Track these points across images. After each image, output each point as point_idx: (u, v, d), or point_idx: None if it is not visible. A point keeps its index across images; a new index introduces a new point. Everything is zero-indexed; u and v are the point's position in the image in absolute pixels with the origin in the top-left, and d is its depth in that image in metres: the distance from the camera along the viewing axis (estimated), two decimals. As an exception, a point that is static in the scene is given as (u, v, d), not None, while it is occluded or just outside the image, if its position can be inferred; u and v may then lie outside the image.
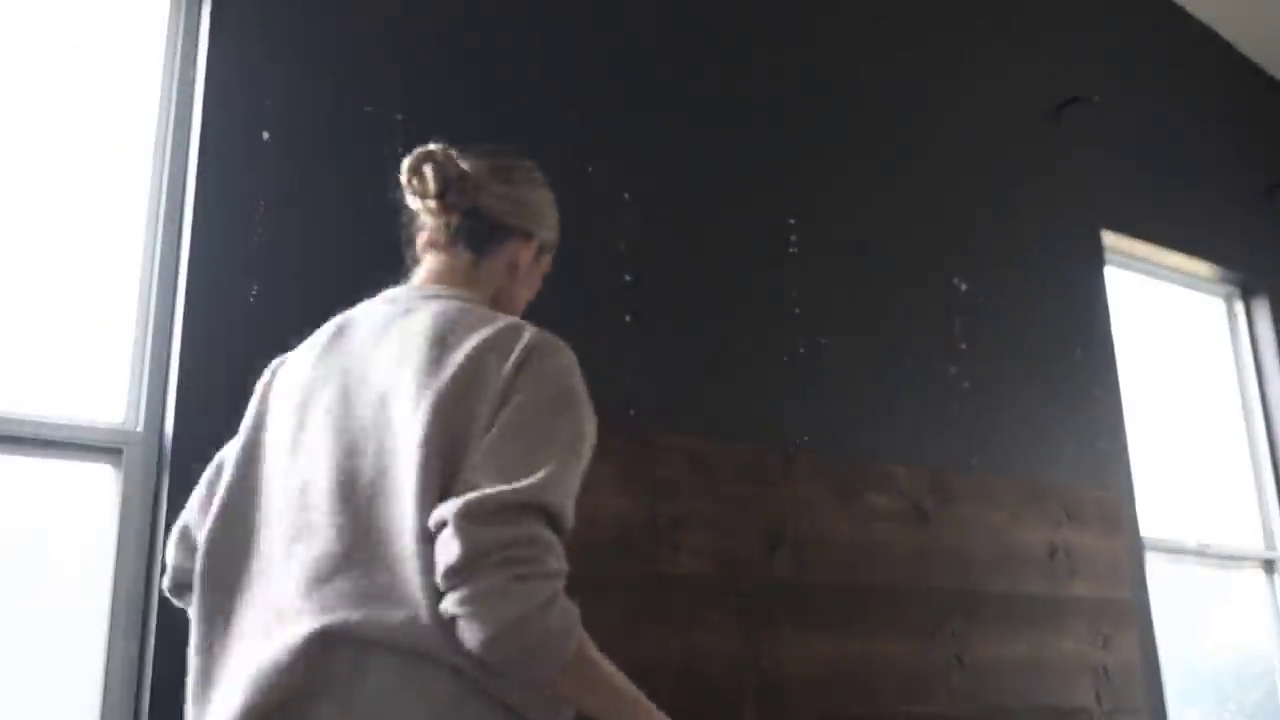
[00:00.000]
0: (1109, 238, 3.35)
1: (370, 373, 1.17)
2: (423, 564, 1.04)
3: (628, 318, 2.30)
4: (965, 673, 2.50)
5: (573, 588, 1.03)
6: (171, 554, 1.31)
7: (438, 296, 1.25)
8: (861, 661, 2.28)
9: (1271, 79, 4.23)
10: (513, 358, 1.13)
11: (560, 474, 1.07)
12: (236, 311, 1.86)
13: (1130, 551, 2.99)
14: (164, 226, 1.90)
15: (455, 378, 1.11)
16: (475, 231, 1.33)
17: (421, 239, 1.35)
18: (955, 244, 2.92)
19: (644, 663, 2.07)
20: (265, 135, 1.96)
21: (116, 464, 1.79)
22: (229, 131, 1.94)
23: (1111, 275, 3.33)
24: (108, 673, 1.70)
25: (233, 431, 1.28)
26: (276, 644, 1.06)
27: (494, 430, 1.09)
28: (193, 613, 1.18)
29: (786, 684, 2.20)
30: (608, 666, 1.11)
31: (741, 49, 2.66)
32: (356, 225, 2.02)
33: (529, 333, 1.17)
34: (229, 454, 1.26)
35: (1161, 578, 3.17)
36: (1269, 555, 3.57)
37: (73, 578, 1.85)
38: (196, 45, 2.00)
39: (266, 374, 1.31)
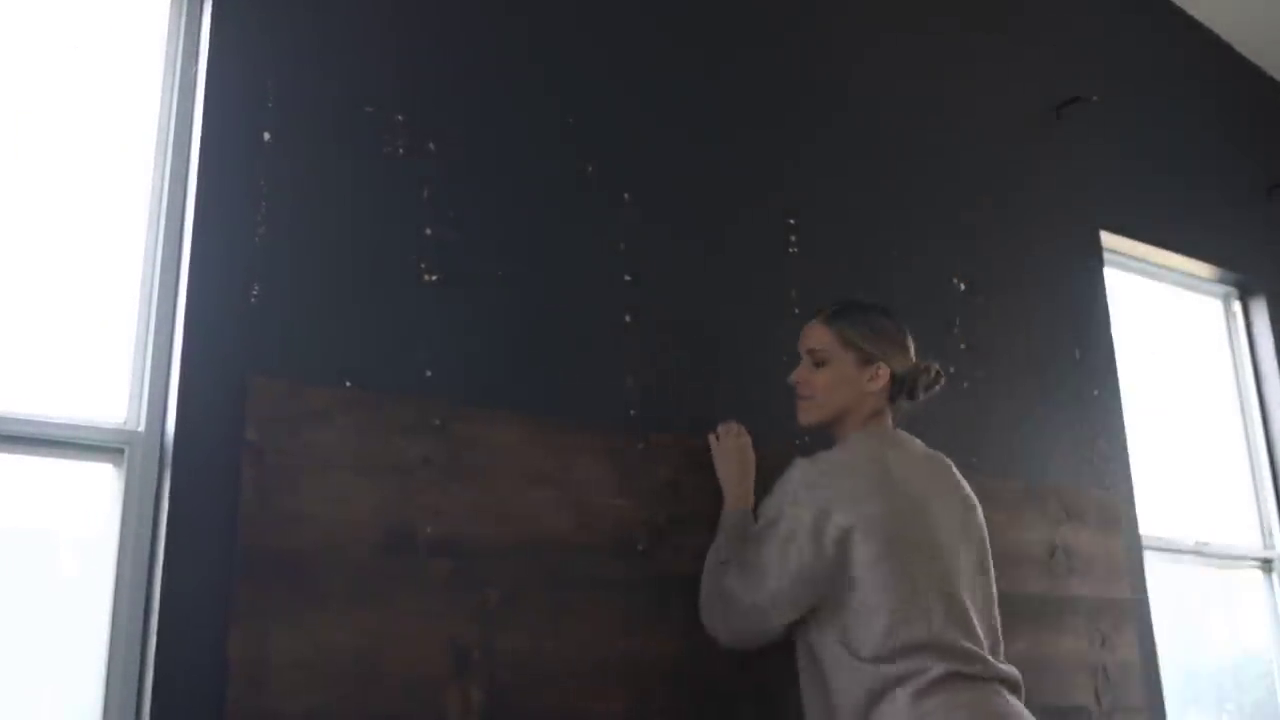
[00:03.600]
0: (1108, 238, 3.35)
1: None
2: None
3: (628, 318, 2.30)
4: (964, 672, 2.50)
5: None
6: None
7: None
8: (861, 661, 2.28)
9: (1271, 80, 4.24)
10: None
11: None
12: (238, 311, 1.86)
13: (1129, 551, 2.99)
14: (165, 227, 1.91)
15: None
16: None
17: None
18: (954, 244, 2.92)
19: (644, 663, 2.07)
20: (266, 136, 1.96)
21: (118, 463, 1.79)
22: (230, 132, 1.94)
23: (1110, 276, 3.34)
24: (108, 673, 1.70)
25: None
26: None
27: None
28: None
29: (785, 684, 2.20)
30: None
31: (741, 49, 2.66)
32: (357, 225, 2.02)
33: None
34: None
35: (1160, 577, 3.17)
36: (1267, 555, 3.57)
37: (73, 578, 1.86)
38: (198, 46, 2.00)
39: None
